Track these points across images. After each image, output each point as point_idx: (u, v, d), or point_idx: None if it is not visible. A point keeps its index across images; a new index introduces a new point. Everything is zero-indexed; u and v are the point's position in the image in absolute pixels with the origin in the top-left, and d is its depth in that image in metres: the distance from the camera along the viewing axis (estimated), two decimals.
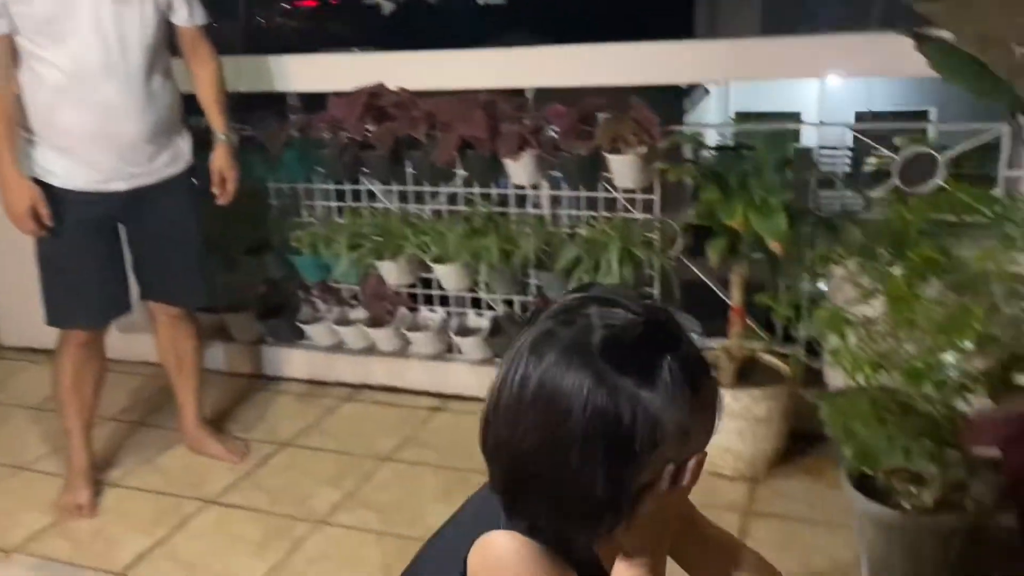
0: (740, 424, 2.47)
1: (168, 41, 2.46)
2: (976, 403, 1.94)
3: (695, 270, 2.81)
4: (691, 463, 0.95)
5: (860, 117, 12.28)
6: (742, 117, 10.96)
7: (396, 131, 2.85)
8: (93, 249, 2.47)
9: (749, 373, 2.60)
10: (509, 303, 3.10)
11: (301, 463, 2.78)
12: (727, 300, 2.67)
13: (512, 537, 1.00)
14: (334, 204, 3.19)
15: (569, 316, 0.92)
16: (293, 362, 3.37)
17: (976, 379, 1.77)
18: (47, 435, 2.99)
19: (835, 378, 2.41)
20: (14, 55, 2.30)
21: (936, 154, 2.46)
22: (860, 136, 3.00)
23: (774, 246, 2.26)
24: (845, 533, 2.21)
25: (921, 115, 11.52)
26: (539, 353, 0.91)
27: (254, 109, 3.12)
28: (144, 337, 3.38)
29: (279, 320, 3.32)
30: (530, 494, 0.94)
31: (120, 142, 2.37)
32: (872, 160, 2.57)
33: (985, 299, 1.92)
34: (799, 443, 2.62)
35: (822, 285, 2.63)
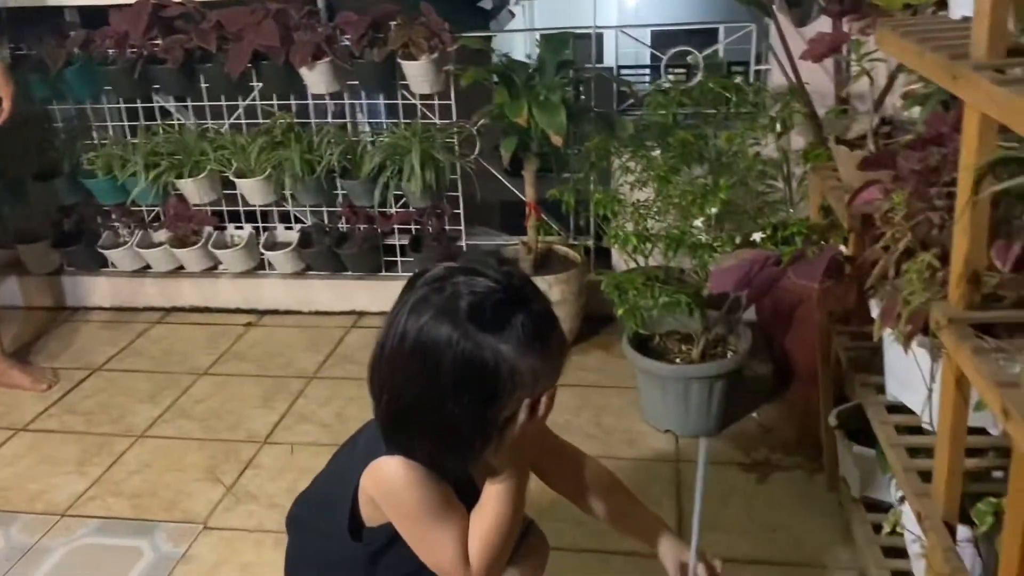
0: None
1: None
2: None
3: (493, 171, 2.97)
4: (544, 398, 1.15)
5: (657, 35, 12.86)
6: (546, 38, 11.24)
7: (185, 43, 2.79)
8: None
9: (547, 263, 2.83)
10: (318, 214, 3.16)
11: (115, 385, 2.76)
12: (520, 196, 2.87)
13: (400, 462, 1.17)
14: (126, 124, 3.09)
15: (440, 284, 1.11)
16: (96, 290, 3.29)
17: (722, 241, 2.06)
18: None
19: (621, 264, 2.68)
20: None
21: (695, 51, 2.72)
22: (656, 53, 3.22)
23: (555, 139, 2.46)
24: (630, 393, 2.51)
25: (713, 32, 12.25)
26: (417, 313, 1.09)
27: (28, 25, 2.94)
28: None
29: (77, 248, 3.21)
30: (409, 427, 1.14)
31: None
32: (671, 78, 2.79)
33: (733, 175, 2.22)
34: (591, 324, 2.90)
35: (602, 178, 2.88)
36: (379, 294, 3.15)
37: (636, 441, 2.34)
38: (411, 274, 1.16)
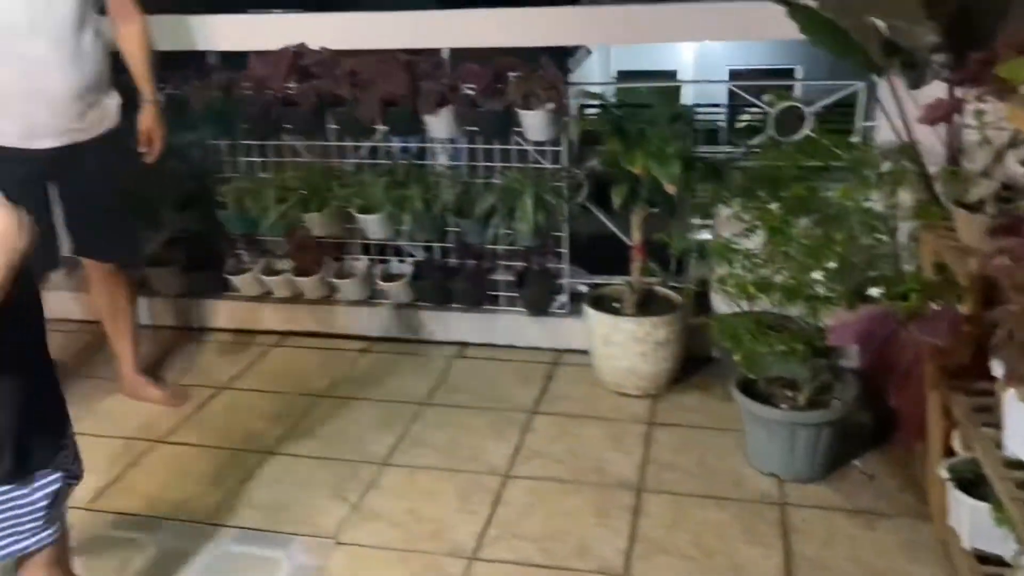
0: (643, 348, 2.82)
1: (97, 0, 2.54)
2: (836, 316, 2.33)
3: (599, 215, 3.11)
4: None
5: (735, 75, 12.93)
6: (624, 75, 11.42)
7: (319, 89, 3.01)
8: (26, 206, 2.54)
9: (649, 304, 2.94)
10: (429, 249, 3.33)
11: (240, 403, 2.96)
12: (627, 241, 3.00)
13: None
14: (257, 160, 3.32)
15: None
16: (219, 313, 3.51)
17: (838, 294, 2.15)
18: None
19: (721, 306, 2.77)
20: None
21: (804, 108, 2.83)
22: (738, 92, 3.34)
23: (669, 188, 2.59)
24: (732, 435, 2.60)
25: (788, 72, 12.28)
26: None
27: (175, 67, 3.20)
28: (66, 295, 3.46)
29: (205, 273, 3.44)
30: None
31: (48, 98, 2.45)
32: (745, 116, 2.88)
33: (844, 230, 2.31)
34: (691, 365, 2.99)
35: (709, 224, 2.99)
36: (483, 326, 3.30)
37: (741, 483, 2.42)
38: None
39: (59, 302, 3.39)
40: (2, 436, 1.42)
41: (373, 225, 3.15)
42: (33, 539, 1.50)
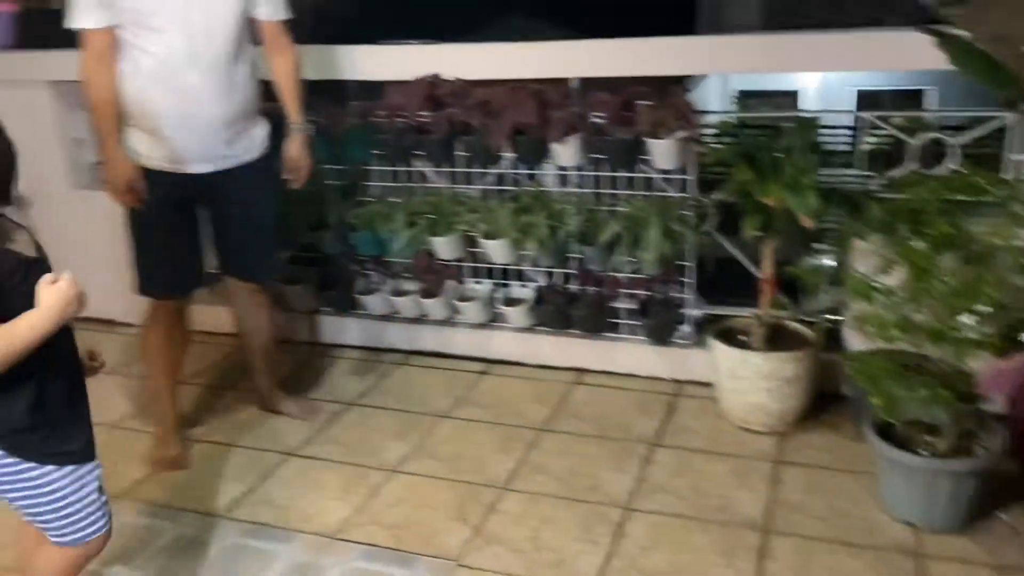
0: (770, 384, 2.74)
1: (251, 32, 2.68)
2: (983, 361, 2.21)
3: (725, 244, 3.06)
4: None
5: (862, 96, 12.46)
6: (744, 96, 11.18)
7: (452, 117, 3.09)
8: (176, 226, 2.71)
9: (777, 338, 2.87)
10: (550, 275, 3.36)
11: (367, 420, 3.05)
12: (754, 271, 2.93)
13: None
14: (389, 184, 3.43)
15: None
16: (348, 330, 3.64)
17: (989, 339, 2.04)
18: (129, 397, 3.27)
19: (853, 342, 2.68)
20: (116, 46, 2.53)
21: (950, 140, 2.71)
22: (871, 120, 3.23)
23: (805, 222, 2.52)
24: (864, 478, 2.50)
25: (917, 94, 11.74)
26: None
27: (315, 94, 3.34)
28: (208, 309, 3.65)
29: (336, 291, 3.58)
30: None
31: (201, 126, 2.59)
32: (871, 139, 2.80)
33: (994, 270, 2.19)
34: (820, 402, 2.89)
35: (841, 258, 2.89)
36: (602, 353, 3.29)
37: (874, 530, 2.32)
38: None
39: (200, 315, 3.57)
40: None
41: (497, 250, 3.20)
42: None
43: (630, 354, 3.24)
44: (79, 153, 3.86)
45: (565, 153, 3.03)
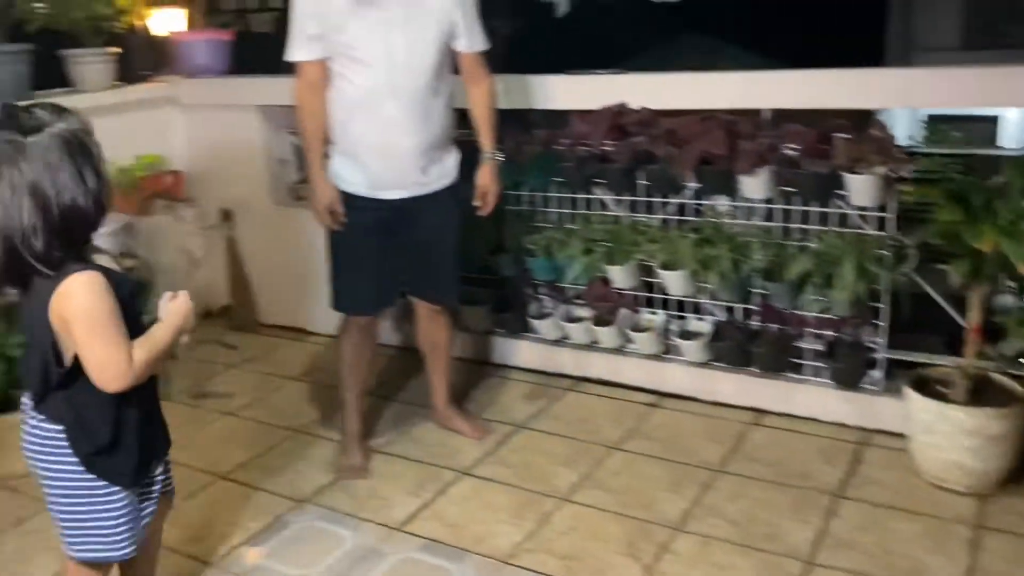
0: (973, 441, 2.54)
1: (450, 63, 2.77)
2: None
3: (926, 287, 2.86)
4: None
5: None
6: (935, 120, 10.46)
7: (637, 147, 3.07)
8: (371, 248, 2.84)
9: (982, 392, 2.65)
10: (730, 309, 3.26)
11: (537, 444, 3.07)
12: (958, 319, 2.73)
13: (83, 274, 1.63)
14: (567, 211, 3.45)
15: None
16: (520, 352, 3.68)
17: None
18: (313, 402, 3.45)
19: None
20: (327, 76, 2.70)
21: None
22: None
23: (1023, 269, 2.32)
24: None
25: None
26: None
27: (500, 122, 3.43)
28: (388, 325, 3.81)
29: (510, 314, 3.64)
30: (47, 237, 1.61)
31: (397, 154, 2.70)
32: None
33: None
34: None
35: None
36: (783, 394, 3.16)
37: None
38: None
39: (383, 331, 3.73)
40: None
41: (675, 281, 3.15)
42: None
43: (813, 397, 3.10)
44: (282, 172, 4.15)
45: (753, 185, 2.94)
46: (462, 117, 2.89)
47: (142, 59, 4.26)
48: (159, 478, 1.95)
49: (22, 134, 1.57)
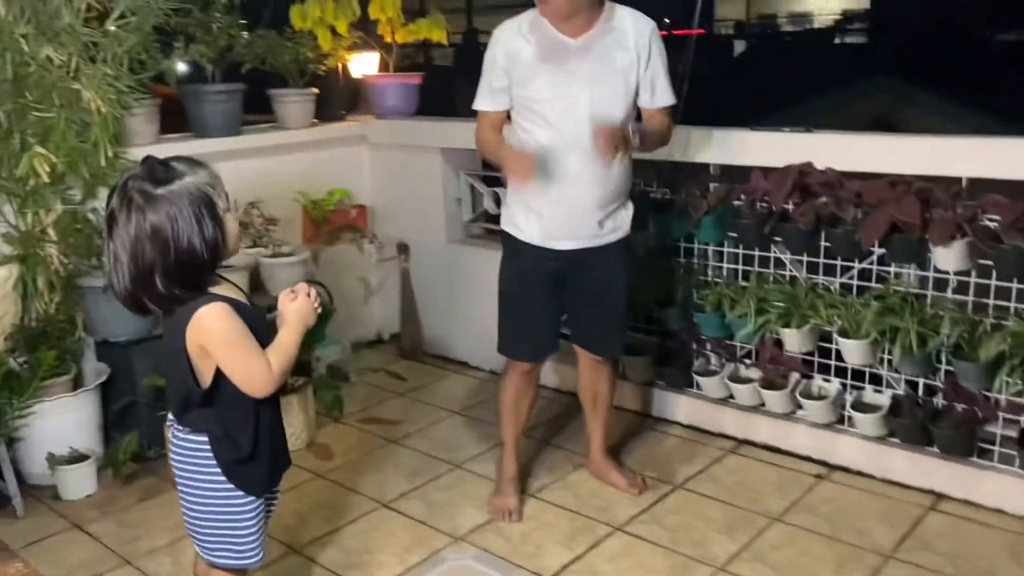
0: None
1: (633, 118, 2.77)
2: None
3: None
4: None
5: None
6: None
7: (821, 208, 2.97)
8: (541, 297, 2.87)
9: None
10: (912, 384, 3.07)
11: (694, 507, 3.00)
12: None
13: (213, 304, 1.77)
14: (742, 268, 3.37)
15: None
16: (680, 408, 3.62)
17: None
18: (474, 438, 3.53)
19: None
20: (505, 121, 2.79)
21: None
22: None
23: None
24: None
25: None
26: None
27: (679, 174, 3.41)
28: (554, 367, 3.85)
29: (673, 368, 3.59)
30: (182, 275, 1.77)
31: (574, 208, 2.72)
32: None
33: None
34: None
35: None
36: (965, 480, 2.93)
37: None
38: None
39: (546, 373, 3.78)
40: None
41: (853, 350, 3.01)
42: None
43: (1002, 486, 2.85)
44: (457, 211, 4.31)
45: (946, 257, 2.77)
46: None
47: (338, 100, 4.55)
48: (276, 491, 2.09)
49: (153, 184, 1.73)
